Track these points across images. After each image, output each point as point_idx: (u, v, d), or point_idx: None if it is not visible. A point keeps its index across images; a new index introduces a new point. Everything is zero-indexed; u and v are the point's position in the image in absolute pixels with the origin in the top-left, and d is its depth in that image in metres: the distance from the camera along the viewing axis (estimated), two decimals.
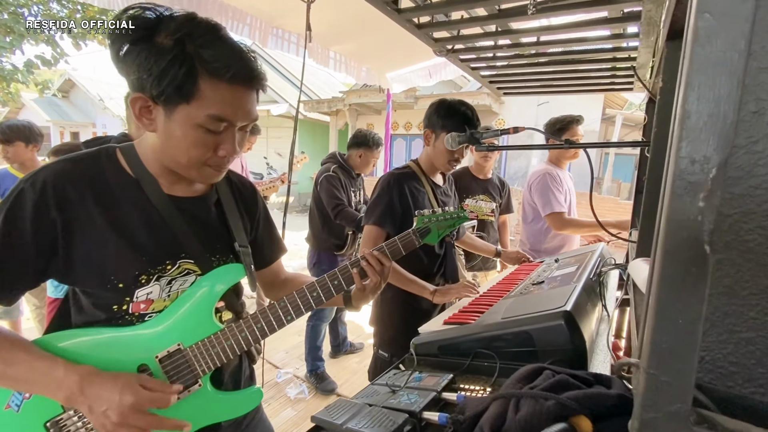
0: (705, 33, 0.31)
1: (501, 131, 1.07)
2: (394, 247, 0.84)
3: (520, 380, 0.58)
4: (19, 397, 0.65)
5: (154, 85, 0.61)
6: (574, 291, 0.92)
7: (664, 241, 0.33)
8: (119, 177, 0.70)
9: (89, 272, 0.66)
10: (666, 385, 0.34)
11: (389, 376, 0.86)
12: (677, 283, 0.33)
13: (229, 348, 0.72)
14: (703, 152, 0.31)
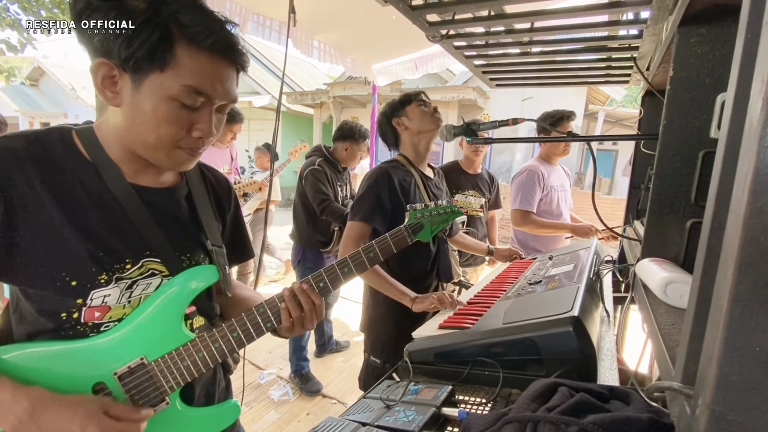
0: None
1: (499, 123, 1.01)
2: (384, 245, 0.77)
3: (534, 399, 0.52)
4: None
5: (122, 47, 0.53)
6: (578, 293, 0.86)
7: (740, 251, 0.27)
8: (74, 161, 0.60)
9: (36, 267, 0.56)
10: (735, 427, 0.28)
11: (383, 389, 0.79)
12: (757, 303, 0.27)
13: (200, 360, 0.64)
14: None
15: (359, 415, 0.69)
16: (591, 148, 0.98)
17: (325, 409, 2.24)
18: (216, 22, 0.58)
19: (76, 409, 0.54)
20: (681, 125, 0.81)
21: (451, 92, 8.80)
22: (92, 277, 0.59)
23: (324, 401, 2.31)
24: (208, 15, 0.58)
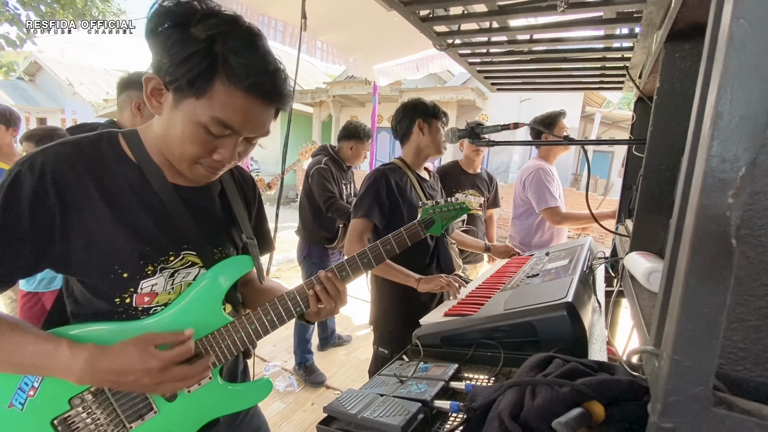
0: (740, 38, 0.32)
1: (501, 127, 1.09)
2: (399, 238, 0.85)
3: (532, 368, 0.60)
4: (23, 396, 0.63)
5: (170, 70, 0.59)
6: (572, 283, 0.95)
7: (692, 235, 0.35)
8: (121, 162, 0.67)
9: (91, 262, 0.64)
10: (690, 370, 0.37)
11: (395, 367, 0.87)
12: (705, 275, 0.35)
13: (239, 340, 0.72)
14: (733, 152, 0.33)
15: (376, 388, 0.77)
16: (585, 152, 1.06)
17: (328, 399, 2.32)
18: (263, 66, 0.61)
19: (129, 352, 0.61)
20: (666, 132, 0.90)
21: (450, 92, 8.89)
22: (141, 270, 0.67)
23: (328, 392, 2.39)
24: (258, 59, 0.60)
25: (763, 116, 0.32)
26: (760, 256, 0.40)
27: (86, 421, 0.65)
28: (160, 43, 0.60)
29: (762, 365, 0.42)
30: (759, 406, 0.37)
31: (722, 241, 0.34)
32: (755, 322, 0.41)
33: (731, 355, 0.43)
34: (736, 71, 0.33)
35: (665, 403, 0.38)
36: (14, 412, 0.63)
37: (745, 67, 0.33)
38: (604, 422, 0.51)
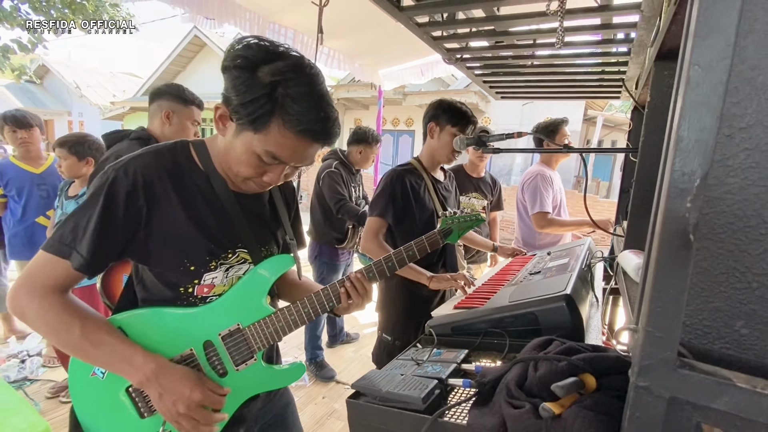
0: (695, 80, 0.42)
1: (506, 135, 1.18)
2: (421, 245, 0.96)
3: (535, 348, 0.70)
4: None
5: (236, 108, 0.68)
6: (570, 278, 1.04)
7: (660, 232, 0.45)
8: (192, 170, 0.77)
9: (166, 254, 0.74)
10: (659, 340, 0.46)
11: (411, 353, 0.97)
12: (670, 264, 0.45)
13: (281, 329, 0.82)
14: (691, 167, 0.43)
15: (395, 370, 0.87)
16: (584, 159, 1.16)
17: (339, 393, 2.42)
18: (315, 115, 0.68)
19: (187, 377, 0.72)
20: (656, 142, 0.99)
21: (453, 96, 8.98)
22: (206, 264, 0.77)
23: (337, 387, 2.49)
24: (312, 106, 0.68)
25: (712, 140, 0.42)
26: (720, 250, 0.49)
27: None
28: (231, 79, 0.68)
29: (722, 339, 0.51)
30: (715, 368, 0.46)
31: (683, 236, 0.44)
32: (717, 304, 0.51)
33: (698, 331, 0.52)
34: (693, 105, 0.43)
35: (641, 366, 0.48)
36: (96, 380, 0.74)
37: (698, 102, 0.42)
38: (595, 390, 0.60)
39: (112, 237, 0.70)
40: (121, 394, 0.76)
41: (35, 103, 16.73)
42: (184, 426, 0.71)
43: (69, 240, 0.69)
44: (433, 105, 1.59)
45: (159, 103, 1.58)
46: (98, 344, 0.69)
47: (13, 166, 2.35)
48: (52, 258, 0.70)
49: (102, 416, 0.77)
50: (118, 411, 0.76)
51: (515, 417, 0.56)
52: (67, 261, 0.69)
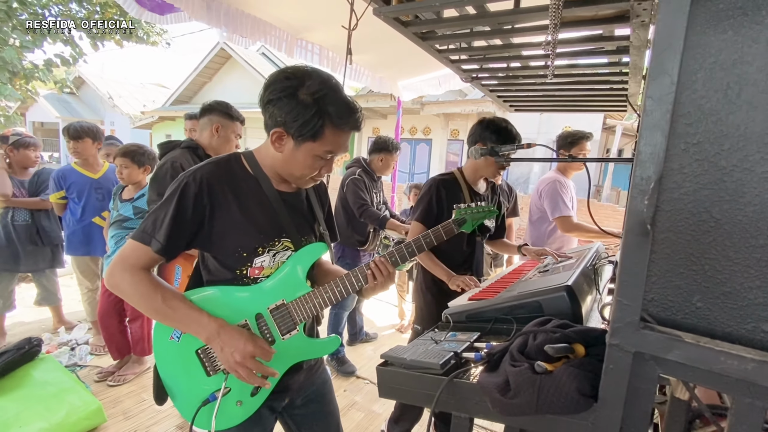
0: (649, 109, 0.56)
1: (517, 146, 1.33)
2: (437, 233, 1.10)
3: (535, 325, 0.84)
4: (178, 332, 0.91)
5: (298, 129, 0.87)
6: (574, 274, 1.17)
7: (626, 224, 0.59)
8: (244, 175, 0.96)
9: (225, 243, 0.92)
10: (627, 307, 0.60)
11: (430, 334, 1.11)
12: (635, 247, 0.59)
13: (318, 304, 0.97)
14: (647, 174, 0.57)
15: (417, 346, 1.01)
16: (587, 169, 1.28)
17: (359, 387, 2.56)
18: (349, 110, 0.89)
19: (241, 333, 0.88)
20: None
21: (471, 105, 9.12)
22: (255, 250, 0.94)
23: (358, 381, 2.63)
24: (345, 106, 0.88)
25: (663, 153, 0.56)
26: (679, 240, 0.63)
27: None
28: (281, 108, 0.86)
29: (683, 311, 0.64)
30: (670, 329, 0.59)
31: (642, 226, 0.58)
32: (678, 282, 0.64)
33: (664, 305, 0.65)
34: (648, 128, 0.57)
35: (613, 328, 0.61)
36: (173, 343, 0.91)
37: (652, 125, 0.56)
38: (585, 357, 0.74)
39: (183, 229, 0.88)
40: (192, 355, 0.93)
41: (71, 113, 17.66)
42: (241, 373, 0.87)
43: (150, 230, 0.88)
44: (480, 124, 1.65)
45: (210, 118, 1.80)
46: (175, 309, 0.87)
47: (74, 171, 2.62)
48: (138, 245, 0.88)
49: (177, 373, 0.94)
50: (189, 369, 0.93)
51: (516, 373, 0.70)
52: (149, 246, 0.87)
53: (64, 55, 8.68)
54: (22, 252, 2.71)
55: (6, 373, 2.04)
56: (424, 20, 1.10)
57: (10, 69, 7.58)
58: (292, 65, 0.91)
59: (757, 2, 0.55)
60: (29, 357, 2.12)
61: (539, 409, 0.65)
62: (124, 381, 2.36)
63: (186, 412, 0.95)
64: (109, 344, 2.42)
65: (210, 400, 0.92)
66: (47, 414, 1.85)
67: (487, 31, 1.15)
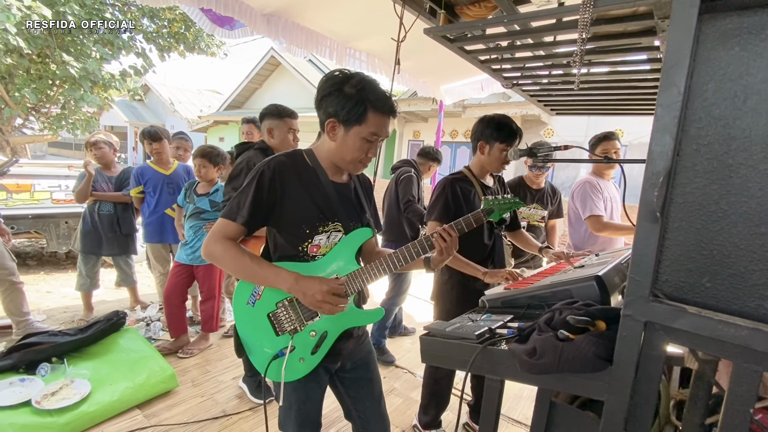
0: (659, 114, 0.67)
1: (554, 148, 1.42)
2: (467, 221, 1.22)
3: (562, 304, 0.94)
4: (253, 298, 1.11)
5: (345, 116, 1.06)
6: (606, 267, 1.25)
7: (640, 212, 0.70)
8: (305, 167, 1.15)
9: (292, 222, 1.11)
10: (638, 283, 0.70)
11: (467, 315, 1.24)
12: (646, 232, 0.69)
13: (365, 279, 1.14)
14: (657, 169, 0.68)
15: (454, 323, 1.14)
16: (623, 169, 1.35)
17: (397, 375, 2.71)
18: (386, 97, 1.08)
19: (314, 278, 1.06)
20: None
21: (514, 108, 9.00)
22: (316, 229, 1.12)
23: (397, 370, 2.78)
24: (381, 93, 1.08)
25: (671, 152, 0.66)
26: (691, 228, 0.72)
27: (284, 316, 1.11)
28: (331, 101, 1.06)
29: (694, 291, 0.73)
30: (678, 304, 0.69)
31: (652, 214, 0.68)
32: (689, 266, 0.73)
33: (677, 285, 0.74)
34: (658, 130, 0.67)
35: (626, 301, 0.72)
36: (249, 308, 1.11)
37: (661, 129, 0.67)
38: (605, 331, 0.84)
39: (261, 207, 1.08)
40: (264, 318, 1.12)
41: (137, 117, 19.35)
42: (325, 308, 1.05)
43: (236, 209, 1.08)
44: (481, 122, 1.75)
45: (264, 123, 2.06)
46: (260, 266, 1.06)
47: (150, 168, 3.00)
48: (226, 221, 1.09)
49: (252, 333, 1.14)
50: (262, 329, 1.13)
51: (542, 339, 0.82)
52: (235, 222, 1.08)
53: (136, 66, 9.61)
54: (104, 238, 3.13)
55: (98, 339, 2.40)
56: (470, 36, 1.23)
57: (92, 79, 8.51)
58: (337, 68, 1.11)
59: (762, 22, 0.65)
60: (116, 327, 2.48)
61: (560, 368, 0.77)
62: (191, 354, 2.67)
63: (259, 365, 1.14)
64: (169, 321, 2.73)
65: (279, 356, 1.11)
66: (132, 376, 2.16)
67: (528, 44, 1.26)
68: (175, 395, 2.26)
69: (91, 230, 3.09)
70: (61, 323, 3.15)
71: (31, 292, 3.81)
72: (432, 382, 2.01)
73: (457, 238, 1.18)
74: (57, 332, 2.35)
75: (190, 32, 9.69)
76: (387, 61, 3.73)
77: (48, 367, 2.12)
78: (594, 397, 0.78)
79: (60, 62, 7.85)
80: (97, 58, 8.59)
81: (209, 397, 2.27)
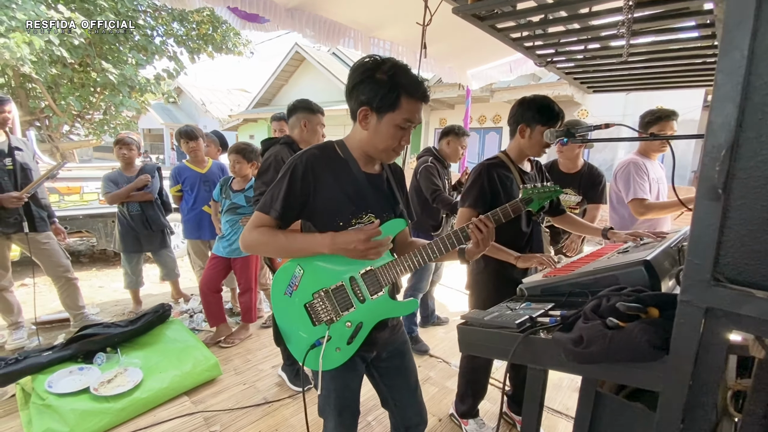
0: (721, 82, 0.61)
1: (594, 127, 1.34)
2: (505, 211, 1.18)
3: (609, 291, 0.90)
4: (290, 289, 1.13)
5: (378, 103, 1.04)
6: (655, 251, 1.18)
7: (699, 189, 0.64)
8: (337, 158, 1.14)
9: (325, 214, 1.11)
10: (697, 266, 0.65)
11: (505, 304, 1.21)
12: (705, 208, 0.64)
13: (399, 272, 1.13)
14: (719, 142, 0.62)
15: (492, 312, 1.11)
16: (671, 147, 1.26)
17: (432, 365, 2.70)
18: (418, 82, 1.05)
19: (349, 232, 1.06)
20: None
21: (545, 89, 8.64)
22: (349, 221, 1.12)
23: (431, 360, 2.77)
24: (413, 79, 1.05)
25: (733, 122, 0.60)
26: (755, 205, 0.65)
27: (321, 306, 1.12)
28: (363, 89, 1.04)
29: (759, 273, 0.66)
30: (739, 287, 0.63)
31: (713, 192, 0.63)
32: (754, 246, 0.67)
33: (740, 268, 0.68)
34: (719, 99, 0.61)
35: (684, 286, 0.67)
36: (287, 298, 1.13)
37: (723, 97, 0.61)
38: (659, 318, 0.79)
39: (294, 200, 1.09)
40: (301, 308, 1.14)
41: (172, 119, 20.14)
42: (369, 254, 1.06)
43: (269, 203, 1.10)
44: (521, 105, 1.65)
45: (297, 116, 2.06)
46: (295, 239, 1.09)
47: (186, 168, 3.12)
48: (261, 214, 1.11)
49: (290, 322, 1.16)
50: (300, 319, 1.15)
51: (588, 327, 0.78)
52: (268, 215, 1.09)
53: (169, 69, 9.97)
54: (141, 236, 3.26)
55: (147, 330, 2.54)
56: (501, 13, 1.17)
57: (129, 84, 8.92)
58: (366, 55, 1.08)
59: None
60: (162, 319, 2.61)
61: (609, 356, 0.73)
62: (233, 344, 2.79)
63: (298, 354, 1.17)
64: (206, 311, 2.84)
65: (316, 345, 1.12)
66: (179, 364, 2.28)
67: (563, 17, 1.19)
68: (220, 383, 2.37)
69: (128, 230, 3.23)
70: (113, 315, 3.36)
71: (85, 287, 4.08)
72: (469, 370, 1.99)
73: (493, 229, 1.15)
74: (110, 324, 2.51)
75: (217, 33, 9.92)
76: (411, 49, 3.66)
77: (103, 356, 2.27)
78: (648, 388, 0.74)
79: (100, 70, 8.27)
80: (133, 64, 8.98)
81: (251, 385, 2.36)
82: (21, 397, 2.06)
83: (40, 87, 8.29)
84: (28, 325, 2.91)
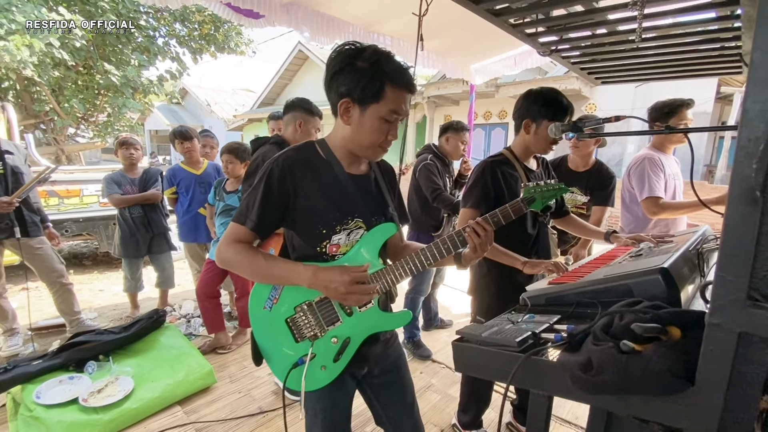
0: (758, 61, 0.50)
1: (603, 120, 1.22)
2: (505, 212, 1.07)
3: (623, 305, 0.79)
4: (270, 303, 1.04)
5: (360, 93, 0.94)
6: (672, 256, 1.06)
7: (732, 192, 0.53)
8: (318, 159, 1.04)
9: (307, 222, 1.01)
10: (730, 283, 0.55)
11: (507, 316, 1.10)
12: (740, 214, 0.53)
13: (390, 281, 1.03)
14: (756, 134, 0.51)
15: (493, 326, 1.01)
16: (689, 140, 1.14)
17: (434, 370, 2.60)
18: (403, 69, 0.95)
19: (334, 269, 0.96)
20: None
21: (552, 83, 8.45)
22: (333, 228, 1.02)
23: (433, 365, 2.67)
24: (398, 66, 0.95)
25: None
26: None
27: (303, 321, 1.03)
28: (343, 79, 0.94)
29: None
30: None
31: (750, 194, 0.52)
32: None
33: None
34: (756, 82, 0.51)
35: (713, 306, 0.56)
36: (266, 312, 1.04)
37: (761, 80, 0.50)
38: (681, 339, 0.68)
39: (272, 208, 0.99)
40: (282, 324, 1.05)
41: (178, 120, 20.19)
42: (351, 299, 0.97)
43: (245, 212, 1.01)
44: (527, 98, 1.54)
45: (293, 114, 1.96)
46: (275, 265, 0.99)
47: (181, 169, 3.05)
48: (236, 225, 1.01)
49: (270, 339, 1.07)
50: (280, 336, 1.05)
51: (599, 351, 0.68)
52: (244, 226, 1.00)
53: (172, 70, 9.96)
54: (141, 240, 3.19)
55: (141, 337, 2.48)
56: None
57: (132, 85, 8.91)
58: (346, 41, 0.98)
59: None
60: (157, 325, 2.54)
61: (625, 388, 0.63)
62: (229, 349, 2.71)
63: (279, 373, 1.07)
64: (204, 318, 2.75)
65: (299, 364, 1.03)
66: (172, 372, 2.21)
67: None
68: (214, 391, 2.29)
69: (128, 234, 3.16)
70: (111, 320, 3.31)
71: (85, 291, 4.06)
72: (472, 380, 1.89)
73: (492, 232, 1.03)
74: (103, 330, 2.45)
75: (219, 33, 9.87)
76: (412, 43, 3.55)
77: (95, 365, 2.21)
78: (669, 424, 0.64)
79: (102, 72, 8.27)
80: (136, 65, 8.97)
81: (246, 393, 2.28)
82: (11, 407, 2.01)
83: (44, 90, 8.32)
84: (24, 331, 2.87)
